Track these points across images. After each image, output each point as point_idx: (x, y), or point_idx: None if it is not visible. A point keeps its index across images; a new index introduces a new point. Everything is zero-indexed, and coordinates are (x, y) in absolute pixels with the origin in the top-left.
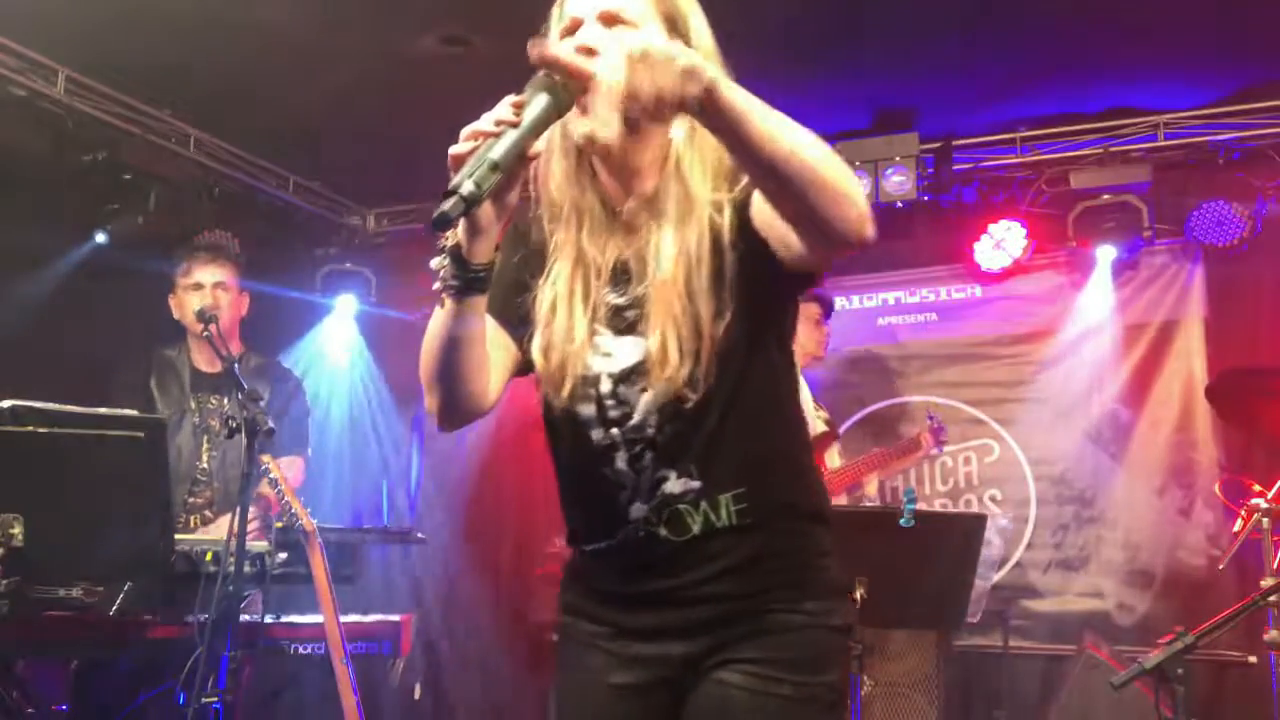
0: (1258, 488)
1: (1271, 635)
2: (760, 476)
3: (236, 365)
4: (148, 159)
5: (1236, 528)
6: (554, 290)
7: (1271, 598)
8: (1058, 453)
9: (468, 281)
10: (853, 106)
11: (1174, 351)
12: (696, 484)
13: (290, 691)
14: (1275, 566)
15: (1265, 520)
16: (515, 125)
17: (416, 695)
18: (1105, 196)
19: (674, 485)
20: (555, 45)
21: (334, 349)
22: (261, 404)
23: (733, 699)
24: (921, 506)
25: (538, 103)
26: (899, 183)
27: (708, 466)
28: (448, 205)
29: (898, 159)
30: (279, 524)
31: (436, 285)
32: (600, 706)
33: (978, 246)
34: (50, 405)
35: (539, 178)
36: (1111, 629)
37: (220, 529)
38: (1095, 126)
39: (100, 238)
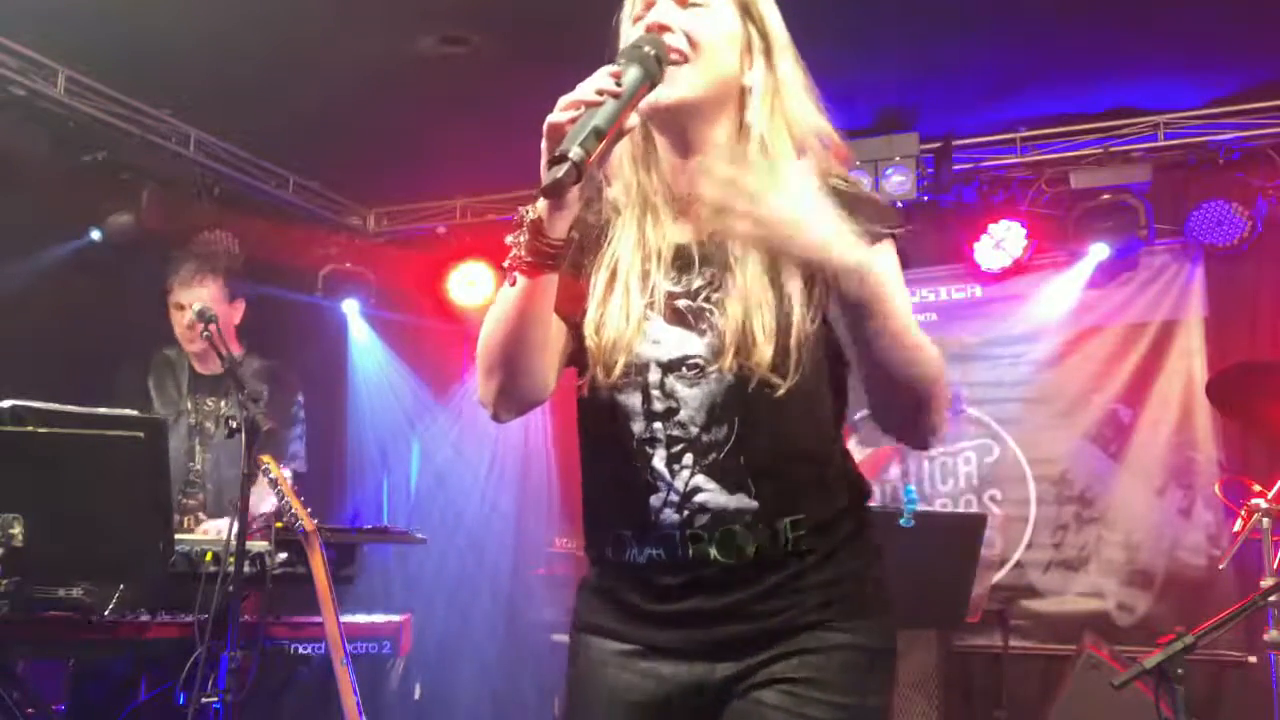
0: (1258, 488)
1: (1271, 635)
2: (819, 498)
3: (237, 367)
4: (147, 159)
5: (1236, 528)
6: (611, 270)
7: (1271, 598)
8: (1058, 453)
9: (546, 256)
10: (853, 106)
11: (1174, 351)
12: (753, 504)
13: (290, 691)
14: (1275, 566)
15: (1265, 520)
16: (616, 95)
17: (416, 695)
18: (1105, 196)
19: (722, 499)
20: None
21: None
22: (261, 404)
23: (772, 713)
24: (921, 506)
25: (632, 73)
26: (899, 183)
27: (764, 486)
28: (561, 171)
29: (898, 159)
30: (279, 524)
31: (507, 264)
32: None
33: (978, 246)
34: (50, 405)
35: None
36: (1111, 629)
37: (210, 532)
38: (1095, 126)
39: (95, 234)
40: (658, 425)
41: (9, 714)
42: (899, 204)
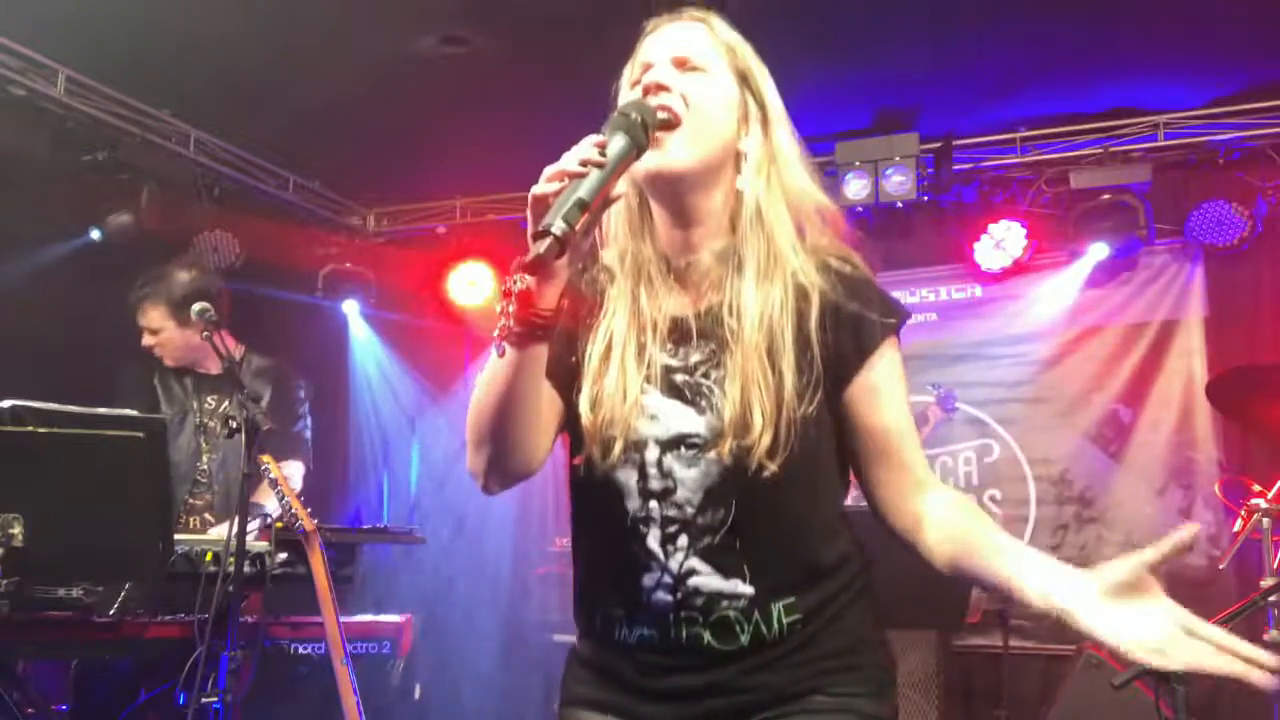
0: (1258, 488)
1: (1271, 635)
2: (816, 581)
3: (238, 365)
4: (147, 159)
5: (1236, 528)
6: (606, 344)
7: (1271, 598)
8: (1058, 453)
9: (534, 327)
10: (853, 106)
11: (1174, 351)
12: (749, 590)
13: (290, 691)
14: (1275, 566)
15: (1265, 520)
16: (600, 165)
17: (416, 695)
18: (1105, 196)
19: (715, 583)
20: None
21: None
22: (262, 404)
23: None
24: None
25: (617, 142)
26: (899, 183)
27: (759, 572)
28: (542, 246)
29: (898, 159)
30: (279, 524)
31: (496, 333)
32: None
33: (978, 246)
34: (50, 405)
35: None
36: None
37: (218, 534)
38: (1095, 126)
39: (95, 234)
40: (653, 504)
41: (9, 714)
42: (899, 204)
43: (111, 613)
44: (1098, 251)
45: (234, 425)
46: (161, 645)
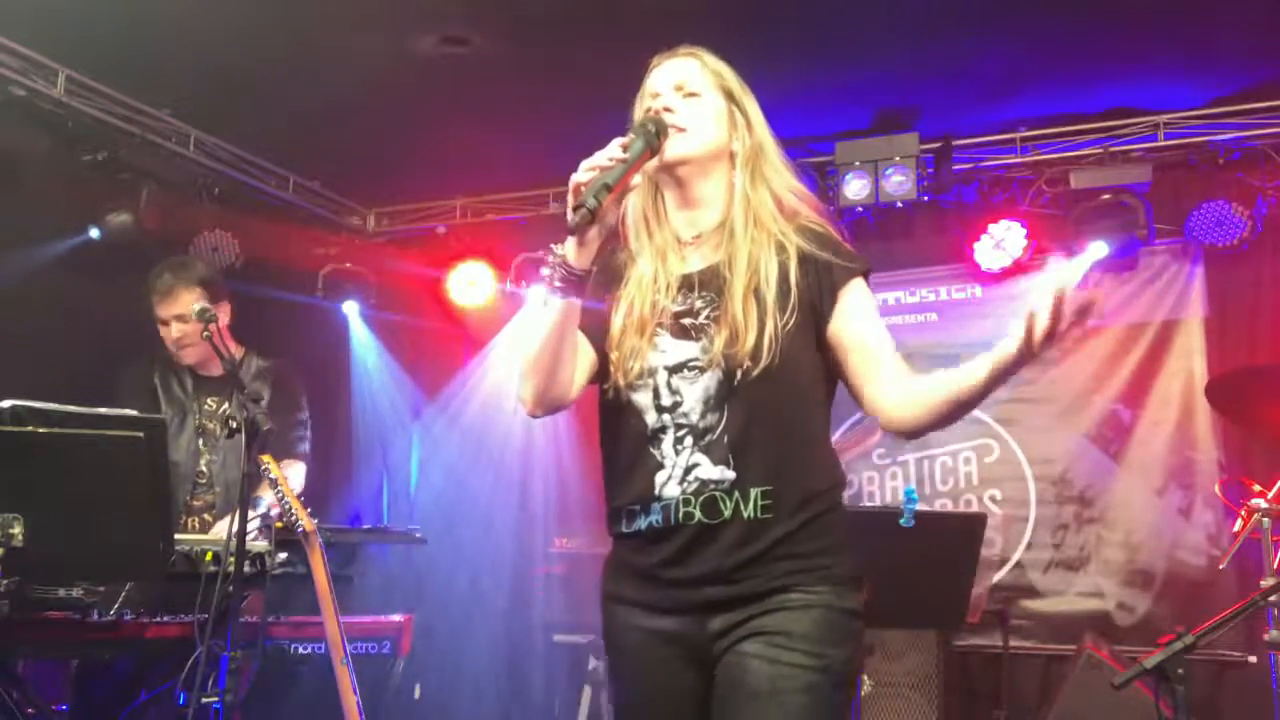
0: (1258, 488)
1: (1271, 635)
2: (787, 474)
3: (238, 366)
4: (147, 159)
5: (1236, 528)
6: (629, 301)
7: (1271, 598)
8: (1058, 453)
9: (571, 282)
10: (853, 106)
11: (1174, 351)
12: (731, 475)
13: (290, 691)
14: (1275, 566)
15: (1265, 520)
16: (623, 160)
17: (416, 695)
18: (1105, 196)
19: (710, 471)
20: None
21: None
22: (262, 404)
23: (750, 666)
24: (921, 506)
25: (636, 143)
26: (899, 183)
27: (742, 460)
28: (577, 216)
29: (898, 159)
30: (279, 524)
31: (541, 286)
32: (645, 678)
33: (978, 246)
34: (50, 405)
35: (623, 216)
36: (1111, 629)
37: (219, 534)
38: (1095, 126)
39: (94, 232)
40: (666, 416)
41: (9, 714)
42: (899, 204)
43: (112, 613)
44: (1097, 250)
45: (234, 425)
46: (161, 645)
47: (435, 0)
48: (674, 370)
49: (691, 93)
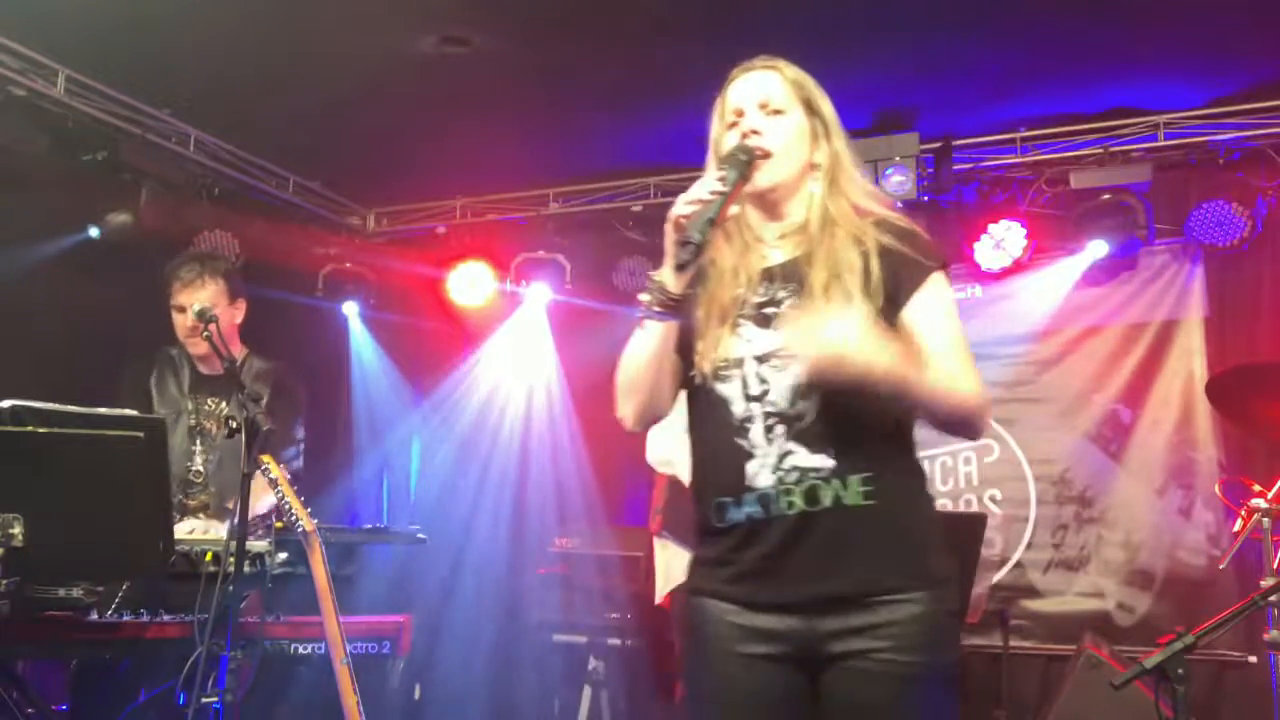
0: (1258, 488)
1: (1271, 635)
2: (883, 461)
3: (239, 367)
4: (147, 159)
5: (1236, 528)
6: (710, 289)
7: (1272, 598)
8: (1058, 453)
9: (669, 307)
10: (853, 106)
11: (1174, 351)
12: (831, 462)
13: (290, 691)
14: (1275, 566)
15: (1265, 520)
16: (723, 194)
17: (416, 695)
18: (1105, 196)
19: (807, 459)
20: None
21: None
22: (262, 404)
23: (866, 679)
24: None
25: (731, 175)
26: (899, 183)
27: (841, 447)
28: (687, 253)
29: (898, 159)
30: (279, 524)
31: (640, 313)
32: (733, 676)
33: (978, 246)
34: (50, 405)
35: None
36: (1111, 629)
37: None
38: (1095, 126)
39: (94, 231)
40: (754, 405)
41: (9, 714)
42: (898, 204)
43: (108, 613)
44: (1097, 248)
45: (234, 425)
46: (161, 645)
47: (435, 0)
48: (762, 359)
49: (776, 110)
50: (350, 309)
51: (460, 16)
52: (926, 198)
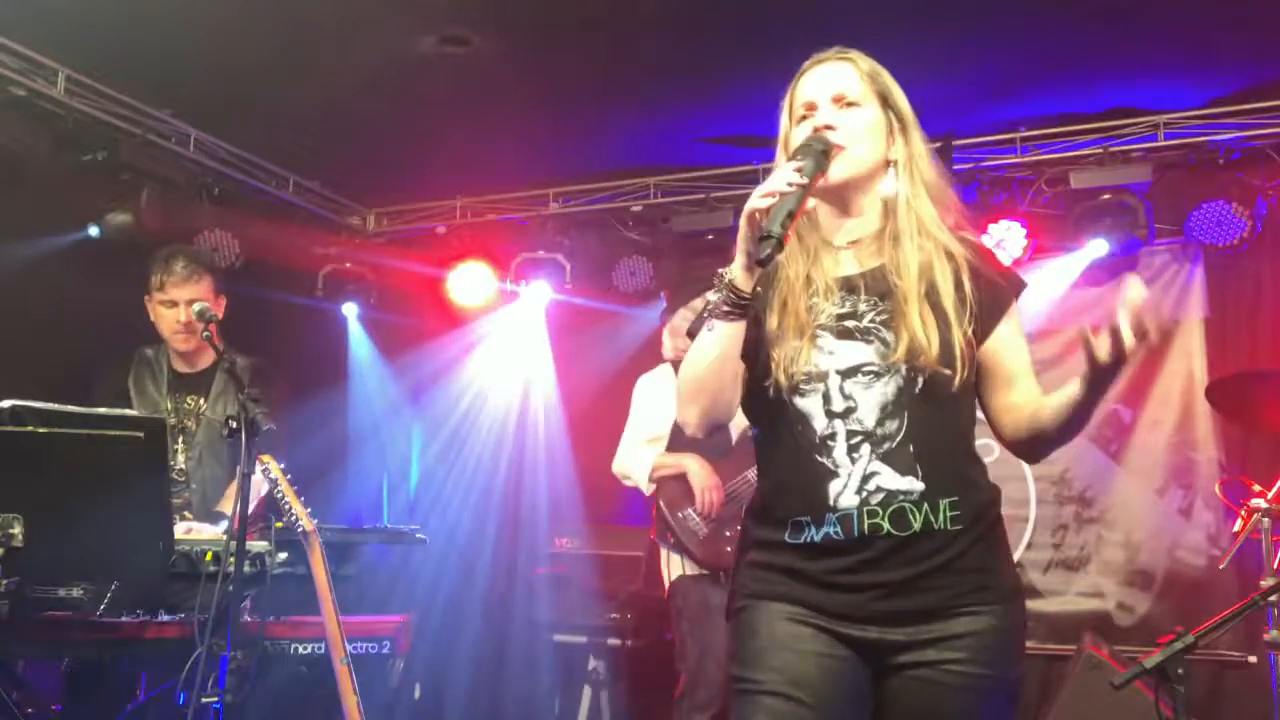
0: (1258, 488)
1: (1271, 635)
2: (969, 484)
3: (234, 366)
4: (147, 159)
5: (1236, 528)
6: (782, 302)
7: (1272, 598)
8: (1058, 453)
9: (738, 307)
10: None
11: (1174, 351)
12: (920, 485)
13: (290, 691)
14: (1275, 566)
15: (1265, 520)
16: (802, 185)
17: (416, 695)
18: (1105, 196)
19: (895, 481)
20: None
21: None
22: (261, 404)
23: (942, 691)
24: None
25: (809, 166)
26: None
27: (930, 470)
28: (768, 248)
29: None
30: (279, 524)
31: (707, 313)
32: (805, 669)
33: None
34: (50, 405)
35: None
36: (1111, 629)
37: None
38: (1095, 126)
39: (93, 230)
40: (838, 423)
41: (9, 714)
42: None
43: (99, 612)
44: (1097, 247)
45: (233, 425)
46: (161, 645)
47: (435, 0)
48: (846, 374)
49: (851, 103)
50: (350, 309)
51: (460, 16)
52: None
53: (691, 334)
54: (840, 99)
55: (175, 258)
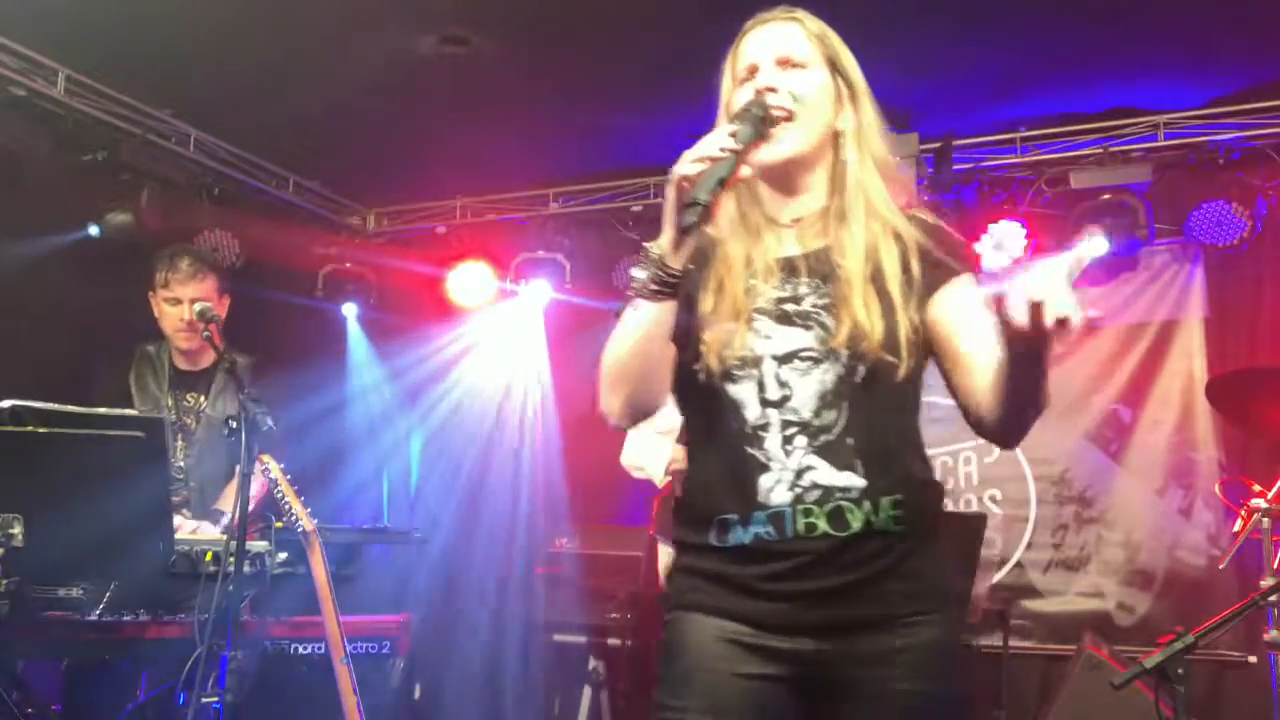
0: (1258, 488)
1: (1271, 635)
2: (912, 482)
3: (234, 366)
4: (147, 159)
5: (1236, 528)
6: (718, 283)
7: (1271, 598)
8: (1058, 453)
9: (667, 285)
10: None
11: (1174, 351)
12: (860, 482)
13: (290, 691)
14: (1275, 566)
15: (1265, 520)
16: (735, 151)
17: (416, 695)
18: (1105, 196)
19: (833, 477)
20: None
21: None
22: (263, 404)
23: (881, 711)
24: None
25: (745, 131)
26: None
27: (870, 464)
28: (694, 215)
29: (898, 159)
30: (279, 524)
31: (633, 289)
32: (725, 700)
33: (978, 247)
34: (50, 405)
35: None
36: (1111, 629)
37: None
38: (1095, 126)
39: (93, 230)
40: (772, 411)
41: (9, 714)
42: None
43: (98, 612)
44: (1096, 246)
45: (234, 425)
46: (161, 645)
47: (435, 0)
48: (783, 360)
49: (796, 64)
50: (349, 310)
51: (460, 16)
52: (926, 198)
53: (619, 315)
54: (785, 61)
55: (181, 255)
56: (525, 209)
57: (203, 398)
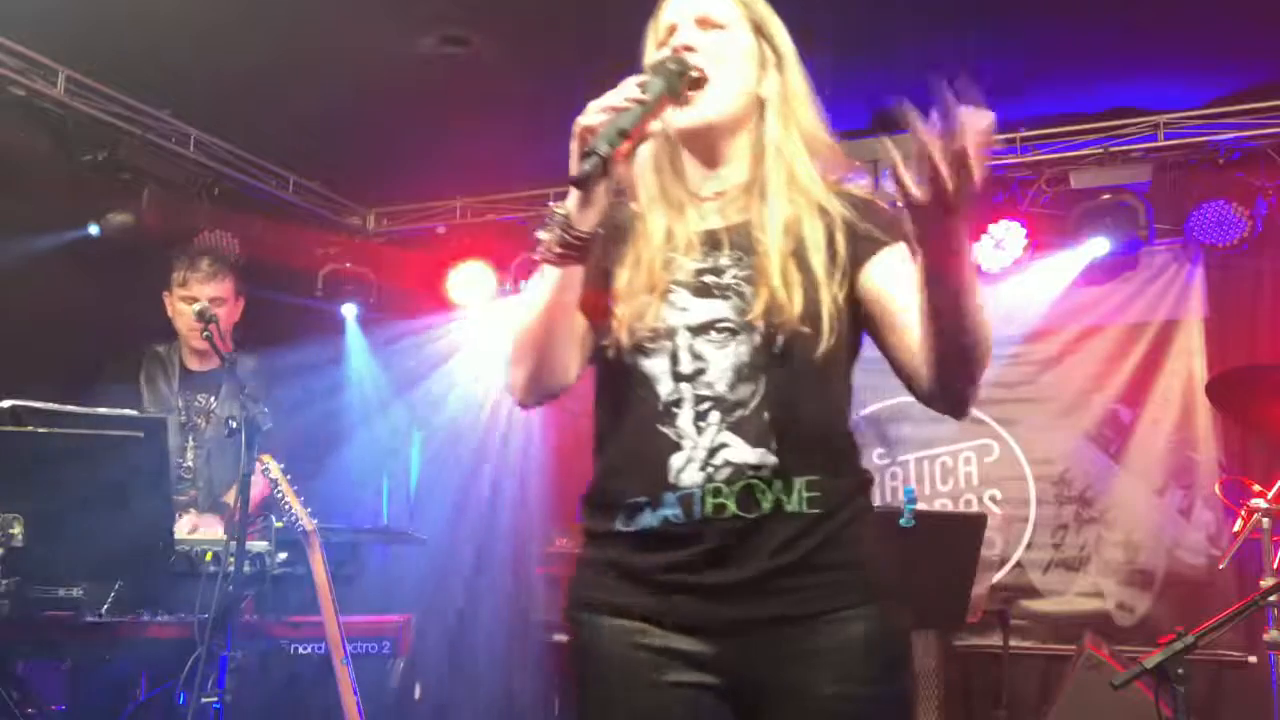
0: (1258, 488)
1: (1271, 635)
2: (832, 463)
3: (236, 366)
4: (147, 159)
5: (1236, 528)
6: (635, 256)
7: (1271, 598)
8: (1058, 453)
9: (573, 248)
10: (852, 106)
11: (1174, 351)
12: (773, 460)
13: (290, 691)
14: (1275, 566)
15: (1265, 520)
16: (641, 103)
17: (416, 695)
18: (1105, 196)
19: (745, 454)
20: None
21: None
22: (262, 404)
23: (816, 709)
24: (921, 506)
25: (656, 84)
26: None
27: (786, 443)
28: (589, 164)
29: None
30: (279, 524)
31: (539, 253)
32: (645, 706)
33: (978, 246)
34: (50, 405)
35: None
36: (1111, 629)
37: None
38: (1095, 126)
39: (93, 230)
40: (685, 386)
41: (9, 714)
42: (899, 204)
43: (102, 611)
44: (1097, 245)
45: (234, 425)
46: (161, 645)
47: (435, 0)
48: (697, 331)
49: (716, 24)
50: (350, 309)
51: (460, 17)
52: None
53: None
54: (704, 21)
55: (201, 255)
56: (525, 209)
57: (213, 398)
